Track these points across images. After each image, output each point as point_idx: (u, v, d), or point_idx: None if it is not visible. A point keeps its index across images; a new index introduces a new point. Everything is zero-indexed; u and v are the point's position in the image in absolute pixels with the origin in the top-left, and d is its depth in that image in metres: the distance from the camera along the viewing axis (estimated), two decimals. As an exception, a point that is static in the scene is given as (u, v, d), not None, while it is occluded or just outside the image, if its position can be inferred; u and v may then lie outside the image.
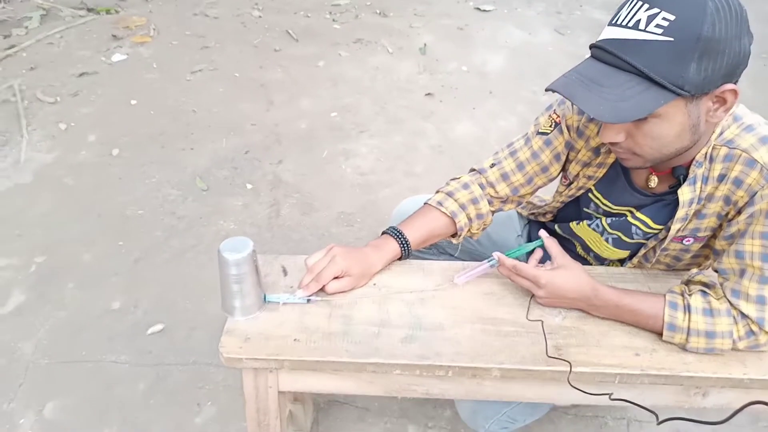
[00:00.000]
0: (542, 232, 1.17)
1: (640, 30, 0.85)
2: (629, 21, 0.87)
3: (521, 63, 3.56)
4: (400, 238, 1.19)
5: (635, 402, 0.98)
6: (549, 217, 1.40)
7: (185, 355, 1.77)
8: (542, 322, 1.10)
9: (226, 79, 3.26)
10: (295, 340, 1.06)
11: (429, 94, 3.18)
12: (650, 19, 0.84)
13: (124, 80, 3.19)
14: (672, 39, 0.83)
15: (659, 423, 0.90)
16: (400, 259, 1.22)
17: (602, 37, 0.92)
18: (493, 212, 1.29)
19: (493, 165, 1.28)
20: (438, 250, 1.49)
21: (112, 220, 2.26)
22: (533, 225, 1.48)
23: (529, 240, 1.48)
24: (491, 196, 1.27)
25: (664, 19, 0.83)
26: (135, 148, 2.67)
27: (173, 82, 3.20)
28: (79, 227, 2.22)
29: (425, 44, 3.69)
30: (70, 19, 3.80)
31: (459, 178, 1.30)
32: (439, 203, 1.24)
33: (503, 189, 1.26)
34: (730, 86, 0.88)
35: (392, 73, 3.38)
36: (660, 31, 0.84)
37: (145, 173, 2.51)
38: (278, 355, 1.03)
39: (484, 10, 4.21)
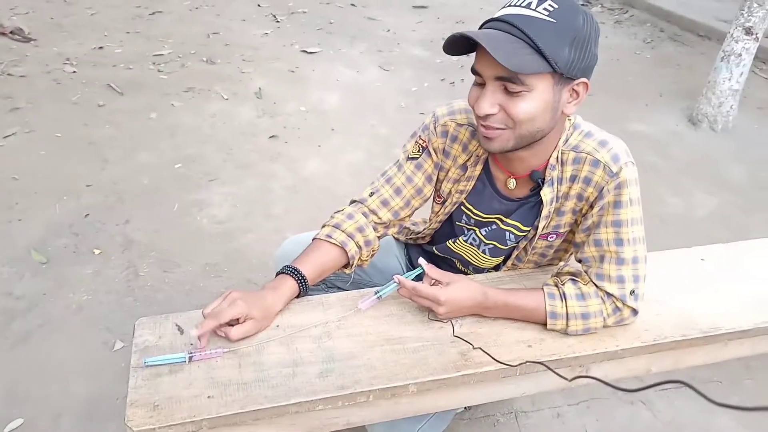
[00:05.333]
0: (421, 260, 1.23)
1: (531, 9, 1.01)
2: (523, 2, 1.03)
3: (355, 99, 3.74)
4: (296, 275, 1.20)
5: (545, 363, 1.09)
6: (427, 239, 1.49)
7: (55, 448, 1.57)
8: (451, 321, 1.19)
9: (47, 140, 2.99)
10: (208, 397, 1.01)
11: (273, 136, 3.20)
12: (540, 2, 1.02)
13: None
14: (555, 21, 1.00)
15: (571, 380, 1.02)
16: (298, 296, 1.22)
17: (497, 15, 1.05)
18: (378, 238, 1.35)
19: (372, 194, 1.34)
20: (327, 285, 1.51)
21: (-68, 313, 1.94)
22: (411, 248, 1.57)
23: (410, 261, 1.56)
24: (375, 223, 1.33)
25: (550, 5, 1.01)
26: (-53, 227, 2.33)
27: (-17, 149, 2.85)
28: None
29: (260, 88, 3.72)
30: None
31: (342, 210, 1.34)
32: (328, 236, 1.27)
33: (385, 214, 1.33)
34: (584, 79, 1.07)
35: (232, 119, 3.35)
36: (546, 13, 1.00)
37: (-34, 254, 2.20)
38: (194, 417, 0.97)
39: (311, 52, 4.36)
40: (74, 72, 3.73)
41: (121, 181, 2.72)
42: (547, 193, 1.20)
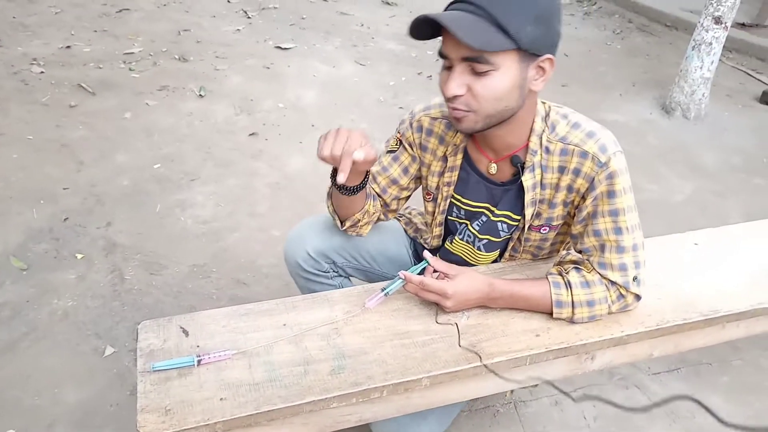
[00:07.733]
0: (426, 254, 1.24)
1: None
2: None
3: (333, 94, 3.71)
4: None
5: (555, 385, 1.08)
6: (436, 242, 1.46)
7: (49, 459, 1.52)
8: (456, 324, 1.18)
9: (18, 143, 2.89)
10: (221, 399, 0.99)
11: (253, 133, 3.16)
12: None
13: None
14: None
15: (576, 401, 1.02)
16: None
17: None
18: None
19: None
20: (335, 272, 1.48)
21: None
22: (418, 243, 1.56)
23: (416, 254, 1.56)
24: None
25: None
26: None
27: (-49, 154, 2.74)
28: None
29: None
30: None
31: None
32: None
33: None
34: (550, 56, 1.07)
35: (209, 117, 3.29)
36: None
37: (-60, 263, 2.12)
38: (208, 420, 0.96)
39: (285, 48, 4.31)
40: (42, 72, 3.61)
41: (99, 183, 2.65)
42: (528, 179, 1.21)
